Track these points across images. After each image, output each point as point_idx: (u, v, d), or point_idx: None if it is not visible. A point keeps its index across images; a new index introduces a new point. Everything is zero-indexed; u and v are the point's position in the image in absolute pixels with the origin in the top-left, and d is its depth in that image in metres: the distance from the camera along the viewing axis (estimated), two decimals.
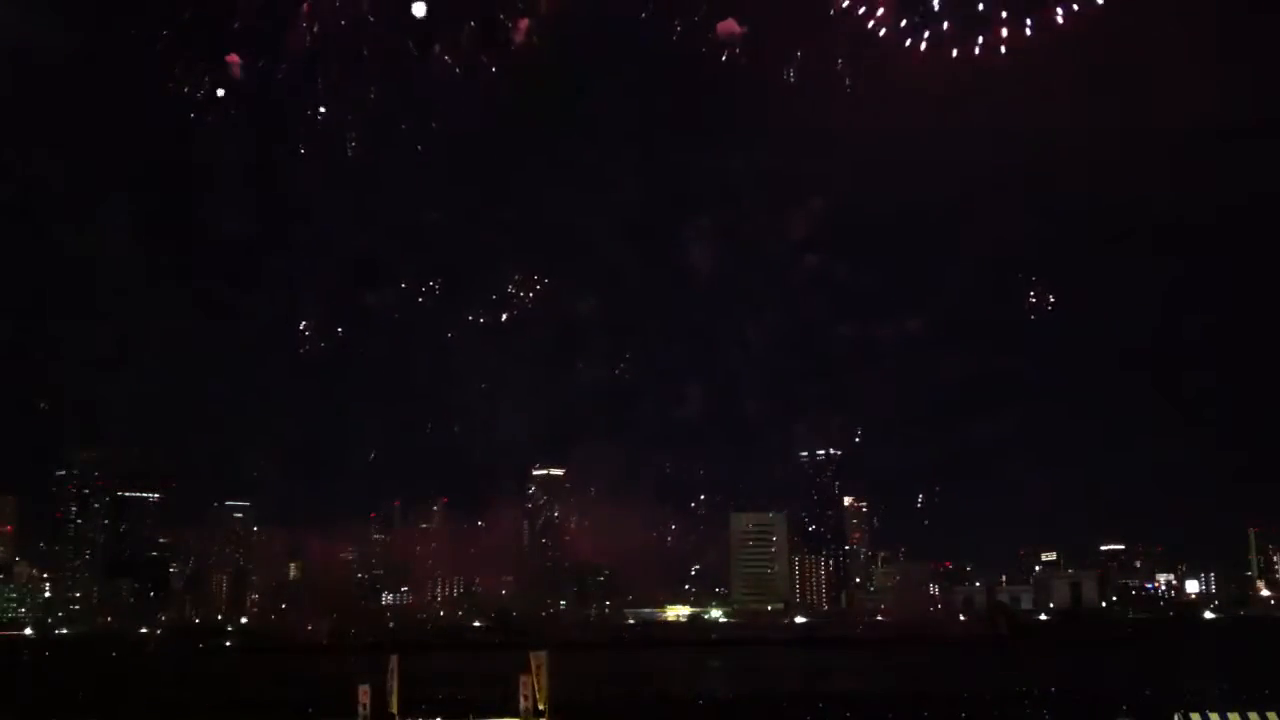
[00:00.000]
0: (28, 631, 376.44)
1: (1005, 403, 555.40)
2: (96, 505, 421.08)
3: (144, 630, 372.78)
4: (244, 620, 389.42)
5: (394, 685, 73.94)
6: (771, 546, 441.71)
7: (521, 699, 73.32)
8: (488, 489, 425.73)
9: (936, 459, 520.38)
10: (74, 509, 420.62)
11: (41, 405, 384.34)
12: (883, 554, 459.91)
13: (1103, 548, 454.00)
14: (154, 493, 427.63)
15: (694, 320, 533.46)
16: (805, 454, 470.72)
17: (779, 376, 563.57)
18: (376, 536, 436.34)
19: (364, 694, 72.54)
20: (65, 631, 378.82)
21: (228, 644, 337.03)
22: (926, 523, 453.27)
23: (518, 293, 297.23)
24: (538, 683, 73.66)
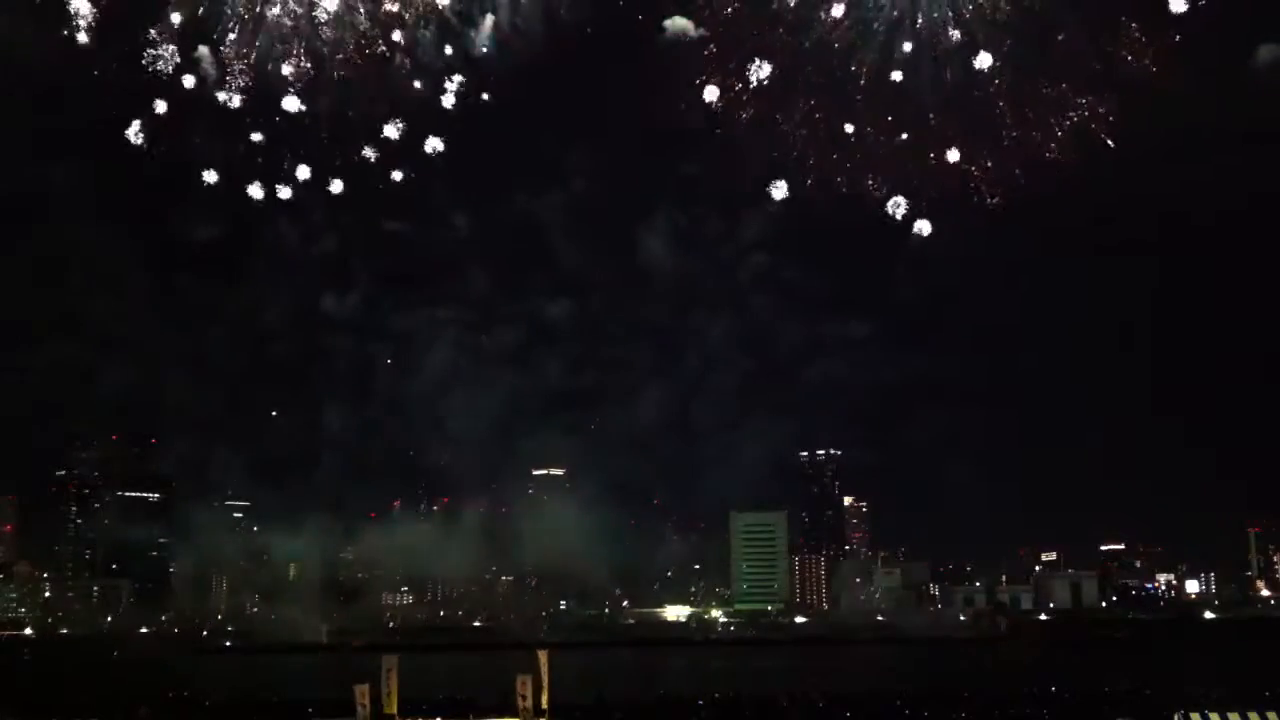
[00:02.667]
0: (28, 631, 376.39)
1: (1007, 401, 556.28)
2: (96, 505, 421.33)
3: (144, 630, 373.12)
4: (243, 620, 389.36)
5: (393, 685, 73.79)
6: (772, 546, 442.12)
7: (520, 699, 73.19)
8: (488, 489, 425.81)
9: (933, 457, 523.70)
10: (74, 509, 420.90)
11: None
12: (883, 554, 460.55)
13: (1103, 548, 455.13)
14: (154, 493, 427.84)
15: (678, 321, 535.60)
16: (805, 454, 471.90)
17: (774, 375, 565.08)
18: (376, 536, 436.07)
19: (362, 694, 72.40)
20: (65, 631, 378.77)
21: (227, 644, 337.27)
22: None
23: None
24: (539, 682, 73.57)
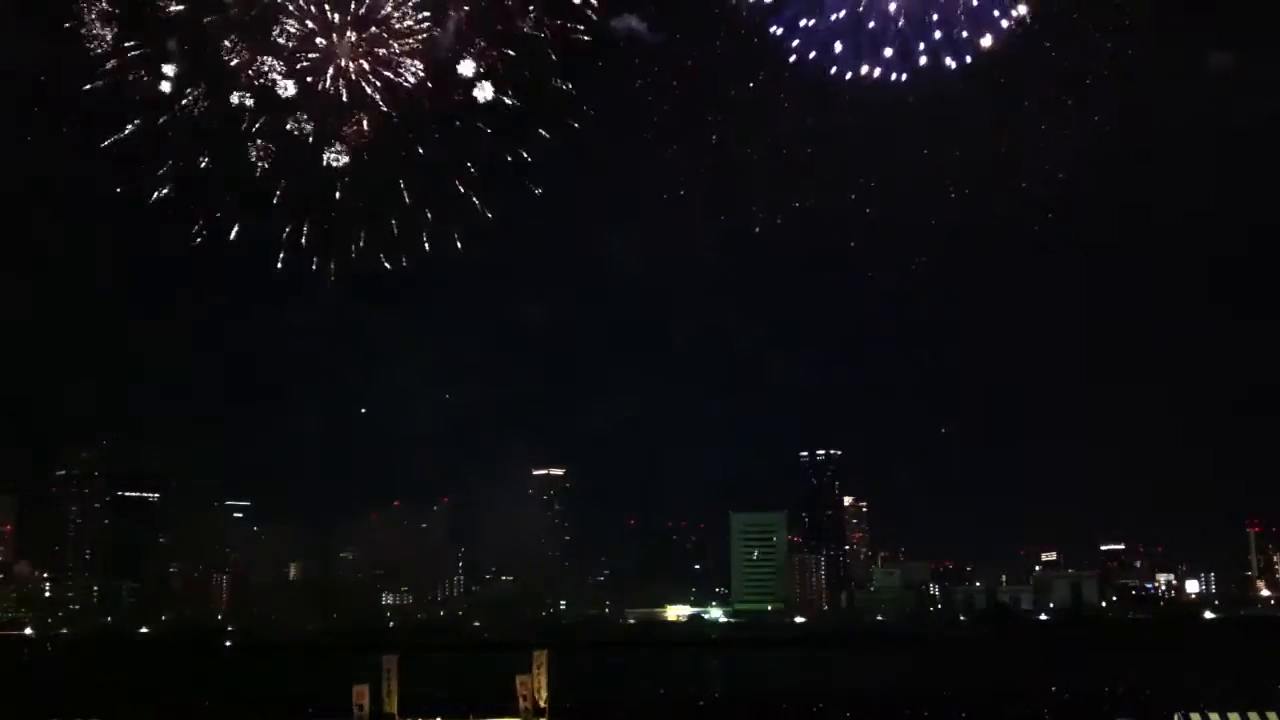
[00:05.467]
0: (28, 631, 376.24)
1: (1007, 401, 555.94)
2: (96, 505, 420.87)
3: (144, 630, 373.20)
4: (242, 620, 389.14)
5: (393, 685, 73.81)
6: (772, 546, 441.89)
7: (521, 699, 73.23)
8: (488, 488, 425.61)
9: (932, 454, 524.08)
10: (74, 509, 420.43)
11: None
12: (883, 554, 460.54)
13: (1103, 548, 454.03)
14: (154, 493, 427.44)
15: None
16: (805, 454, 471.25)
17: (773, 374, 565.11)
18: (376, 536, 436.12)
19: (360, 694, 72.37)
20: (65, 631, 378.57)
21: (227, 644, 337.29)
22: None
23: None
24: (538, 682, 73.60)
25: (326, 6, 79.73)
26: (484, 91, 79.89)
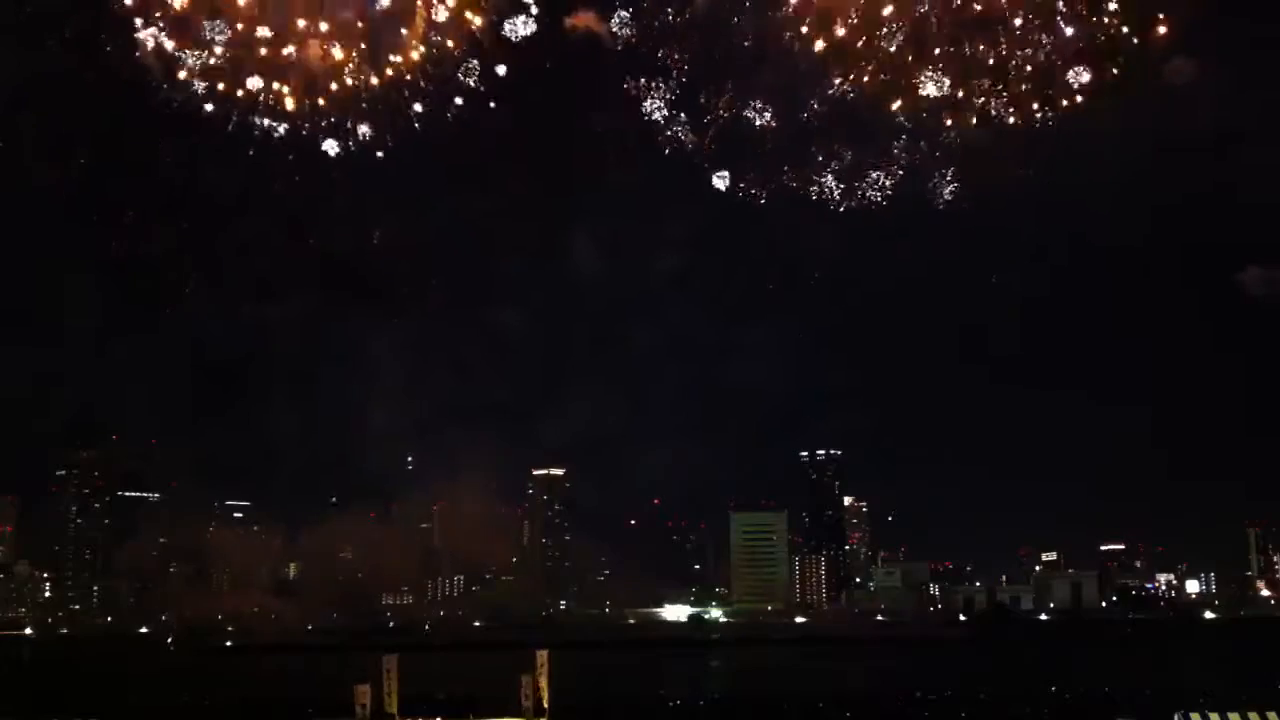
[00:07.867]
0: (28, 631, 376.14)
1: (1006, 402, 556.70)
2: (96, 505, 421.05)
3: (144, 630, 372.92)
4: (243, 620, 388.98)
5: (393, 685, 73.85)
6: (772, 546, 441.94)
7: (523, 698, 73.32)
8: (488, 488, 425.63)
9: (933, 457, 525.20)
10: (74, 509, 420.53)
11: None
12: (883, 554, 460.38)
13: (1103, 548, 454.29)
14: (154, 493, 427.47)
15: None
16: (805, 454, 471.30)
17: (773, 373, 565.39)
18: (375, 536, 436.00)
19: (362, 694, 72.45)
20: (65, 631, 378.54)
21: (227, 644, 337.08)
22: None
23: None
24: (539, 682, 73.66)
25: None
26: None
